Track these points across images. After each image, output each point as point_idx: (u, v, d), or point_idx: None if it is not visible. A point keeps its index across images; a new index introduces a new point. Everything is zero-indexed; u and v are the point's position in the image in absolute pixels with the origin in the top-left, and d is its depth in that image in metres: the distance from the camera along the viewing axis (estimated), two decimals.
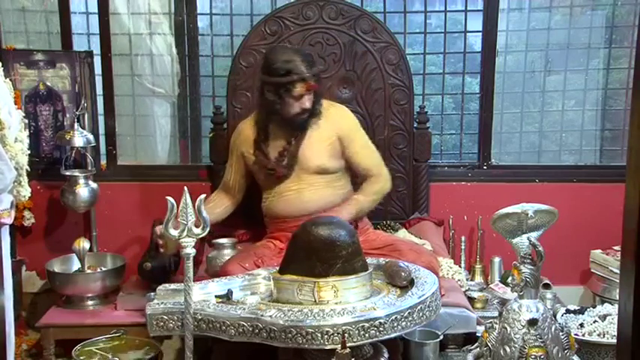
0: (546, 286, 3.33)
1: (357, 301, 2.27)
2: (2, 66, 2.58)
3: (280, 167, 2.93)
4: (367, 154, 3.04)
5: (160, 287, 2.50)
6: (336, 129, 2.98)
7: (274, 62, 2.84)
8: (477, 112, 3.80)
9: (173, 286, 2.50)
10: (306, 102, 2.87)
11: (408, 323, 2.23)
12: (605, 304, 3.07)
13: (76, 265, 3.33)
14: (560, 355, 2.29)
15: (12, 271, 2.85)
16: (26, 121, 2.82)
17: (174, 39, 3.85)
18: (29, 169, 2.51)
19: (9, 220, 2.41)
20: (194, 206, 2.17)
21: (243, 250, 3.02)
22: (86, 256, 3.26)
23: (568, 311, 3.01)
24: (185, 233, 2.16)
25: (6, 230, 2.45)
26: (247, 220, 3.30)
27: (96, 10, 3.61)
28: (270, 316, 2.17)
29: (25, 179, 2.47)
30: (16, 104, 2.68)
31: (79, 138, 3.34)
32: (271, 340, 2.16)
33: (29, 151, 2.52)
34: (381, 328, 2.16)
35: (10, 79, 2.70)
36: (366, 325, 2.14)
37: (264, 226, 3.12)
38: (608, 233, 3.31)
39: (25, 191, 2.48)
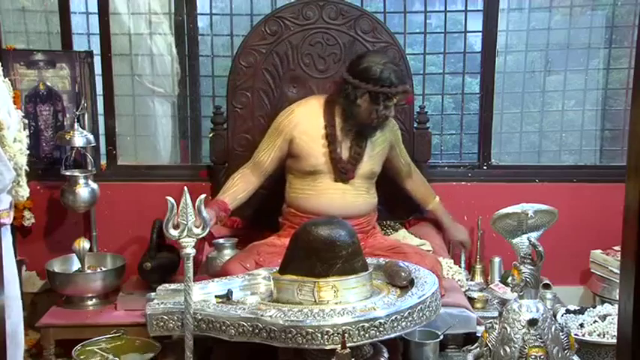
0: (546, 286, 3.33)
1: (357, 301, 2.27)
2: (2, 66, 2.58)
3: (352, 169, 2.96)
4: (403, 151, 3.28)
5: (160, 287, 2.51)
6: (388, 136, 3.11)
7: (380, 71, 2.85)
8: (477, 112, 3.80)
9: (173, 286, 2.50)
10: (392, 111, 2.94)
11: (408, 323, 2.23)
12: (605, 304, 3.07)
13: (76, 265, 3.33)
14: (560, 355, 2.29)
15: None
16: (26, 121, 2.82)
17: (174, 39, 3.85)
18: (28, 170, 2.51)
19: (8, 221, 2.41)
20: (194, 206, 2.17)
21: (245, 249, 3.00)
22: (86, 256, 3.26)
23: (568, 311, 3.01)
24: (185, 233, 2.16)
25: (7, 230, 2.45)
26: (246, 222, 3.30)
27: (96, 10, 3.61)
28: (270, 316, 2.17)
29: (24, 179, 2.47)
30: (15, 104, 2.68)
31: (79, 138, 3.33)
32: (271, 340, 2.16)
33: (28, 152, 2.52)
34: (381, 328, 2.16)
35: (10, 80, 2.70)
36: (366, 325, 2.14)
37: (262, 228, 3.11)
38: (608, 233, 3.31)
39: (24, 191, 2.48)
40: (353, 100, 2.89)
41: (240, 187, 3.00)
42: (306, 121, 2.98)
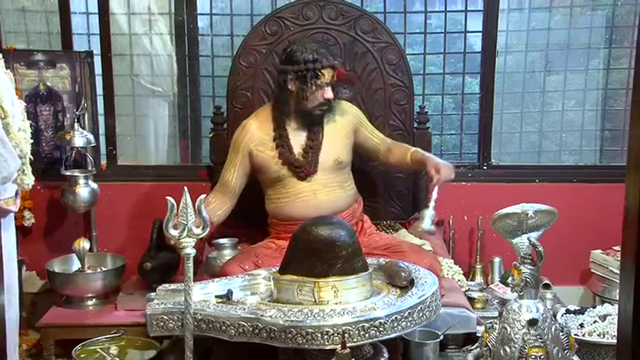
0: (546, 287, 3.33)
1: (357, 302, 2.27)
2: (3, 58, 2.59)
3: (307, 164, 2.92)
4: (375, 130, 3.18)
5: (160, 287, 2.51)
6: (349, 120, 3.06)
7: (301, 51, 2.87)
8: (477, 112, 3.81)
9: (173, 286, 2.50)
10: (329, 92, 2.89)
11: (408, 323, 2.23)
12: (605, 305, 3.07)
13: (76, 265, 3.33)
14: (560, 355, 2.29)
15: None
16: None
17: (174, 39, 3.85)
18: (32, 158, 2.53)
19: (14, 208, 2.44)
20: (194, 206, 2.17)
21: (243, 251, 3.01)
22: (86, 256, 3.26)
23: (568, 311, 3.01)
24: (185, 233, 2.16)
25: (11, 218, 2.46)
26: (245, 221, 3.30)
27: (96, 10, 3.62)
28: (270, 317, 2.17)
29: (28, 168, 2.49)
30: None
31: (79, 138, 3.34)
32: (271, 340, 2.16)
33: (32, 140, 2.54)
34: (381, 329, 2.16)
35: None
36: (366, 325, 2.14)
37: (261, 227, 3.11)
38: (608, 233, 3.31)
39: (29, 179, 2.49)
40: (283, 85, 2.89)
41: (217, 205, 2.96)
42: (258, 132, 2.96)
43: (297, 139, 2.95)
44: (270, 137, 2.95)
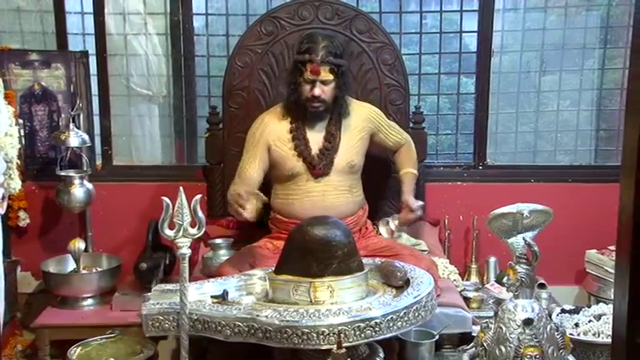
0: (542, 286, 3.34)
1: (353, 301, 2.27)
2: None
3: (322, 164, 2.91)
4: (394, 131, 3.16)
5: (156, 287, 2.50)
6: (365, 124, 3.04)
7: (302, 41, 2.92)
8: (473, 112, 3.81)
9: (169, 286, 2.50)
10: (316, 89, 2.87)
11: (404, 323, 2.23)
12: (600, 304, 3.08)
13: (71, 265, 3.33)
14: (555, 354, 2.29)
15: (7, 271, 2.86)
16: (21, 121, 2.81)
17: (169, 39, 3.84)
18: (19, 162, 2.53)
19: (1, 210, 2.44)
20: (190, 206, 2.17)
21: (239, 252, 2.99)
22: (81, 257, 3.25)
23: (563, 311, 3.02)
24: (181, 233, 2.16)
25: None
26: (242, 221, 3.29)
27: (91, 10, 3.61)
28: (266, 317, 2.17)
29: (15, 172, 2.49)
30: (10, 104, 2.69)
31: (75, 138, 3.33)
32: (267, 340, 2.16)
33: (26, 150, 2.54)
34: (376, 328, 2.16)
35: (5, 80, 2.71)
36: (362, 325, 2.14)
37: (258, 227, 3.11)
38: (603, 233, 3.30)
39: (16, 184, 2.50)
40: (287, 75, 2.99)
41: None
42: (277, 128, 2.96)
43: (314, 138, 2.95)
44: (287, 133, 2.95)
